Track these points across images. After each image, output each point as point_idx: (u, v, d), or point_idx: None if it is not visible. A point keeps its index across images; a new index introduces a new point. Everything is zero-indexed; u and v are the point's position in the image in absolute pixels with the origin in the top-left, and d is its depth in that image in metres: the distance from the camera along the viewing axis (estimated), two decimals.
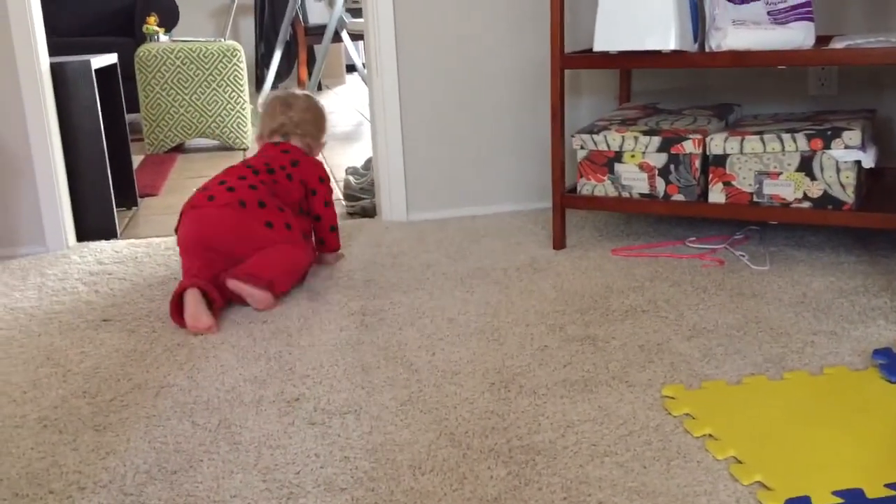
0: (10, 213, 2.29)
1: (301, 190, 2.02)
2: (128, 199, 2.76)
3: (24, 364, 1.59)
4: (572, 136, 2.13)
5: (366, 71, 2.70)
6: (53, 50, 2.35)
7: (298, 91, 2.23)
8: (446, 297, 1.85)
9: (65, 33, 4.31)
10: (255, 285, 1.76)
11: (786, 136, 1.89)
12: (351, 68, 6.31)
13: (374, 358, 1.55)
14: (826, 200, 1.88)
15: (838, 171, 1.85)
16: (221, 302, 1.77)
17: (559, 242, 2.15)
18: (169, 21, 4.41)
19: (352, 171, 2.93)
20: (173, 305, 1.73)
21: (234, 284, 1.76)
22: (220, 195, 1.87)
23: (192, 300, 1.70)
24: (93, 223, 2.41)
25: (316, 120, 2.16)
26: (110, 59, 2.64)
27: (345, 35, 4.81)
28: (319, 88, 6.07)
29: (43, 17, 2.29)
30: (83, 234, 2.40)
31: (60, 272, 2.13)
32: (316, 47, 5.38)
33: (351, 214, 2.62)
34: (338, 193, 2.90)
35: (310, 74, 5.00)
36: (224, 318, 1.77)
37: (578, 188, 2.14)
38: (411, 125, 2.47)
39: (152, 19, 4.03)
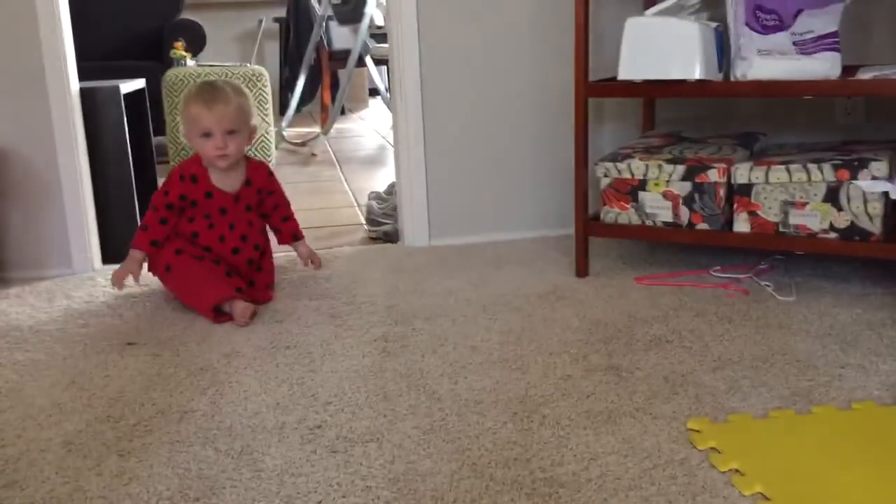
0: (39, 235, 2.32)
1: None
2: None
3: (49, 387, 1.60)
4: (595, 164, 2.13)
5: (389, 95, 2.72)
6: (83, 73, 2.38)
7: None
8: (469, 324, 1.85)
9: (94, 57, 4.37)
10: None
11: (812, 167, 1.88)
12: (374, 92, 6.36)
13: (396, 385, 1.55)
14: (853, 231, 1.86)
15: (865, 201, 1.84)
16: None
17: (582, 270, 2.14)
18: (196, 46, 4.47)
19: (374, 195, 2.94)
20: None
21: None
22: None
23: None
24: (119, 246, 2.42)
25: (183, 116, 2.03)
26: (138, 83, 2.68)
27: (368, 60, 4.85)
28: (343, 112, 6.12)
29: (73, 42, 2.33)
30: (109, 257, 2.42)
31: (86, 295, 2.15)
32: (340, 72, 5.42)
33: (373, 239, 2.63)
34: (360, 218, 2.92)
35: (333, 98, 5.04)
36: (247, 343, 1.77)
37: (602, 216, 2.14)
38: (434, 150, 2.48)
39: (180, 44, 4.09)
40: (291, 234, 2.21)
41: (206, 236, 2.03)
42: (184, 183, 2.01)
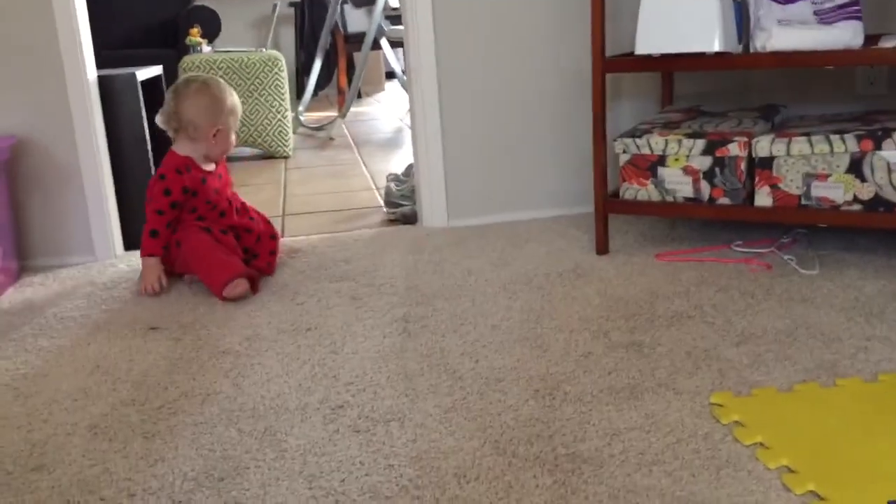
0: (61, 223, 2.34)
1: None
2: None
3: (74, 373, 1.61)
4: (614, 141, 2.11)
5: (405, 78, 2.71)
6: (100, 61, 2.39)
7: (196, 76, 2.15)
8: (489, 303, 1.84)
9: (111, 46, 4.39)
10: None
11: (834, 137, 1.85)
12: (390, 75, 6.34)
13: (417, 365, 1.55)
14: (877, 202, 1.83)
15: (889, 172, 1.81)
16: None
17: (602, 248, 2.13)
18: (211, 32, 4.48)
19: (392, 177, 2.94)
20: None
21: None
22: None
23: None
24: (140, 232, 2.45)
25: (200, 108, 2.06)
26: (155, 70, 2.68)
27: (384, 42, 4.83)
28: (359, 96, 6.11)
29: (90, 31, 2.34)
30: (130, 243, 2.44)
31: (109, 281, 2.17)
32: (355, 55, 5.41)
33: (392, 221, 2.63)
34: (379, 200, 2.92)
35: (349, 82, 5.03)
36: (269, 325, 1.78)
37: (621, 193, 2.12)
38: (451, 131, 2.46)
39: (195, 31, 4.09)
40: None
41: (211, 217, 2.10)
42: (181, 175, 2.05)
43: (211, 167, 2.14)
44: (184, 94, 2.06)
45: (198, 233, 2.05)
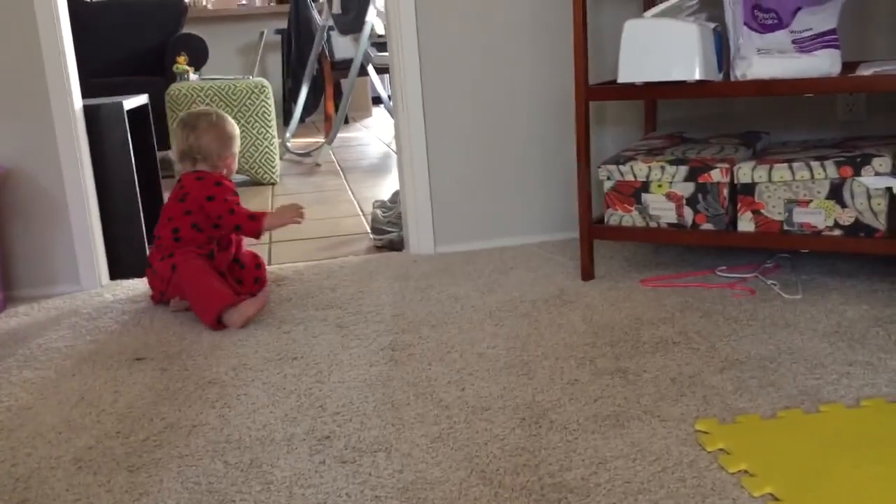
0: (46, 252, 2.33)
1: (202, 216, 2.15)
2: None
3: (58, 404, 1.60)
4: (598, 167, 2.13)
5: (391, 103, 2.73)
6: (86, 90, 2.40)
7: (206, 109, 2.38)
8: (475, 330, 1.85)
9: (97, 74, 4.41)
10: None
11: (815, 164, 1.88)
12: (377, 101, 6.38)
13: (403, 394, 1.55)
14: (858, 228, 1.86)
15: (869, 197, 1.83)
16: None
17: (587, 273, 2.14)
18: (198, 60, 4.49)
19: (379, 204, 2.95)
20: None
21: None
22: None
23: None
24: (126, 261, 2.45)
25: (217, 139, 2.23)
26: (141, 99, 2.69)
27: (370, 69, 4.86)
28: (346, 121, 6.14)
29: (75, 60, 2.35)
30: (116, 272, 2.43)
31: (94, 311, 2.16)
32: (342, 81, 5.44)
33: (379, 248, 2.63)
34: (365, 227, 2.92)
35: (336, 108, 5.06)
36: (255, 355, 1.78)
37: (606, 219, 2.14)
38: (438, 158, 2.48)
39: (182, 58, 4.11)
40: None
41: (216, 235, 2.18)
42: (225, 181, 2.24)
43: None
44: (202, 127, 2.21)
45: (195, 258, 2.08)
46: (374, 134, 5.72)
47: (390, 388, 1.58)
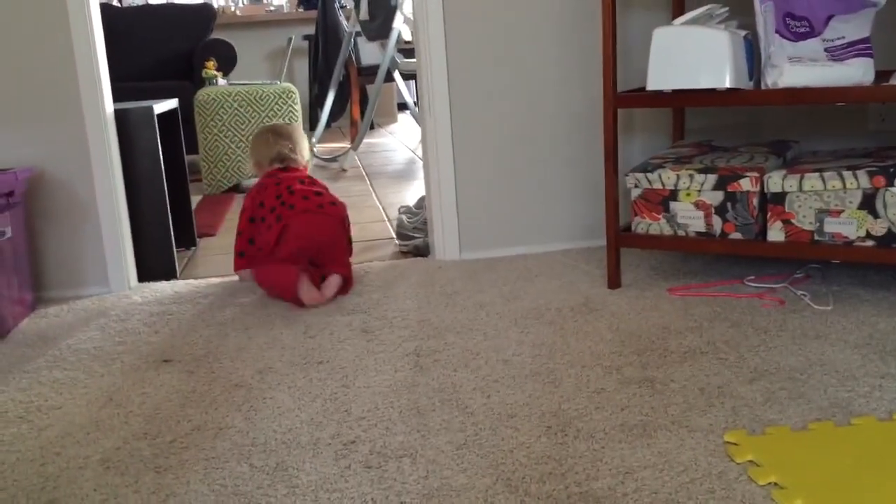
0: (76, 255, 2.36)
1: None
2: (186, 239, 2.82)
3: (87, 405, 1.62)
4: (626, 175, 2.12)
5: (417, 109, 2.73)
6: (116, 94, 2.42)
7: (280, 123, 2.68)
8: (501, 337, 1.84)
9: (127, 78, 4.46)
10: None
11: (847, 174, 1.85)
12: (402, 106, 6.39)
13: (429, 400, 1.55)
14: (890, 238, 1.83)
15: None
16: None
17: (614, 282, 2.13)
18: (227, 65, 4.53)
19: (405, 210, 2.95)
20: (290, 287, 2.10)
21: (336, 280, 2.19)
22: (326, 206, 2.28)
23: (306, 283, 2.11)
24: (154, 264, 2.47)
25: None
26: (171, 104, 2.72)
27: (396, 75, 4.88)
28: (372, 127, 6.16)
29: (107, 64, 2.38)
30: (145, 275, 2.46)
31: (122, 313, 2.18)
32: (368, 87, 5.47)
33: (404, 253, 2.64)
34: (390, 232, 2.93)
35: (362, 114, 5.08)
36: (281, 359, 1.79)
37: (633, 227, 2.13)
38: (464, 164, 2.48)
39: (211, 63, 4.15)
40: None
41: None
42: None
43: None
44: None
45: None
46: (399, 139, 5.74)
47: (415, 394, 1.58)
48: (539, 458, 1.31)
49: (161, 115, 2.56)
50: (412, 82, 5.35)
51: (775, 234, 1.95)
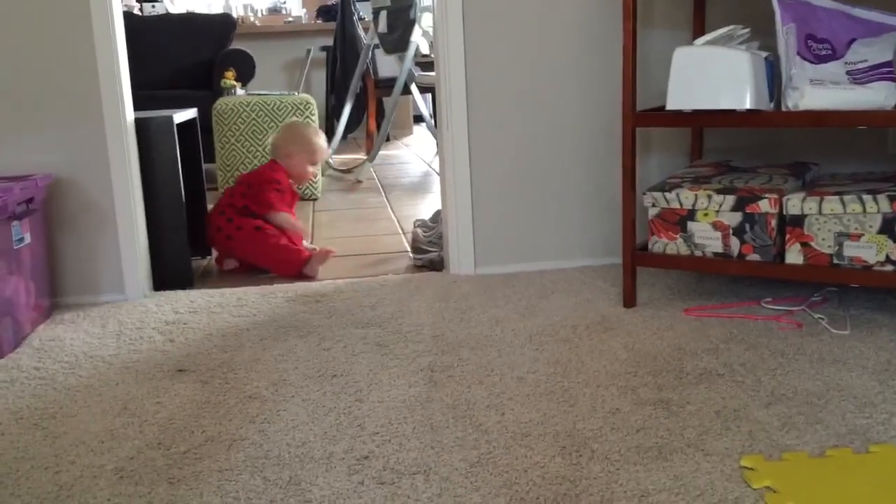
0: (93, 261, 2.37)
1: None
2: (202, 248, 2.83)
3: (101, 413, 1.62)
4: (643, 194, 2.12)
5: (433, 122, 2.74)
6: (136, 102, 2.44)
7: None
8: (515, 354, 1.84)
9: (147, 87, 4.49)
10: None
11: (867, 197, 1.84)
12: (418, 119, 6.41)
13: (443, 416, 1.54)
14: None
15: None
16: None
17: (630, 300, 2.12)
18: (245, 75, 4.56)
19: (420, 223, 2.96)
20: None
21: None
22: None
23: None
24: (170, 272, 2.48)
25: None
26: (190, 113, 2.73)
27: (413, 88, 4.89)
28: (388, 139, 6.17)
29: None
30: (160, 283, 2.46)
31: (138, 321, 2.19)
32: (385, 99, 5.48)
33: (419, 267, 2.63)
34: (405, 245, 2.93)
35: (378, 126, 5.09)
36: (295, 371, 1.79)
37: (650, 246, 2.12)
38: (480, 178, 2.48)
39: (230, 73, 4.17)
40: None
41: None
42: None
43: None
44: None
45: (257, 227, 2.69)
46: (414, 152, 5.75)
47: (429, 410, 1.57)
48: (553, 478, 1.31)
49: (180, 124, 2.57)
50: (429, 95, 5.36)
51: (793, 256, 1.94)
